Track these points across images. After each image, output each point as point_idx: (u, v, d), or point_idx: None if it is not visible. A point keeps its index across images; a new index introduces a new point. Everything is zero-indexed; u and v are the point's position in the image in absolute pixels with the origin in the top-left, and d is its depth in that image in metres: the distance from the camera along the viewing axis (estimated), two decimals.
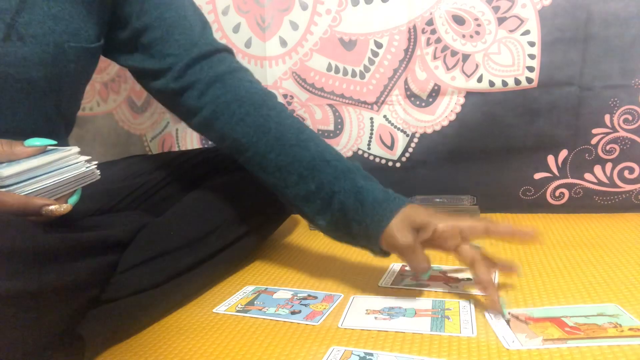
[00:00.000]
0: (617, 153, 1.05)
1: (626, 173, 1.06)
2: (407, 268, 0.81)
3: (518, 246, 0.89)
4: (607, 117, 1.04)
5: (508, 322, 0.59)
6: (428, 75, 1.13)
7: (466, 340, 0.56)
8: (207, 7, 1.22)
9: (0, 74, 0.57)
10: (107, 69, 1.34)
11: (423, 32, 1.11)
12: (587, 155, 1.07)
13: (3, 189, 0.50)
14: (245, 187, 0.85)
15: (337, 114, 1.21)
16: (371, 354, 0.54)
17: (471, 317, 0.61)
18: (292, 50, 1.21)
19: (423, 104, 1.15)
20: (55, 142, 0.55)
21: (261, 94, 0.76)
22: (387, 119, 1.18)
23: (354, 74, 1.18)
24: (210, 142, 1.24)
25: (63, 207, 0.52)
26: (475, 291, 0.69)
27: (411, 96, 1.15)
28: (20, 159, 0.52)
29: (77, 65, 0.66)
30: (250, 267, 0.88)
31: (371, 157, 1.21)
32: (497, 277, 0.74)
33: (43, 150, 0.54)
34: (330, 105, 1.21)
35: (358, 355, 0.54)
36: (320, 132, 1.23)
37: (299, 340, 0.59)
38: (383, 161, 1.20)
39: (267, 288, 0.76)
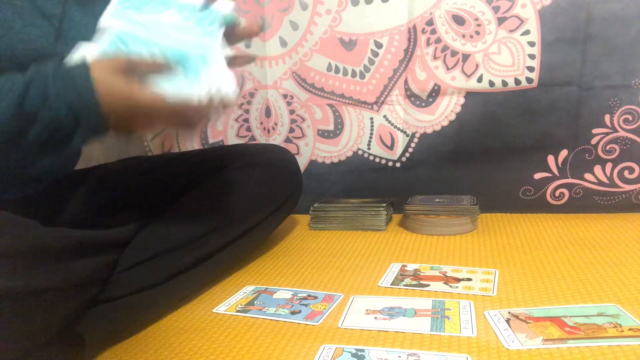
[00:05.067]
0: (617, 153, 1.05)
1: (626, 173, 1.06)
2: (407, 268, 0.81)
3: (517, 246, 0.89)
4: (607, 117, 1.04)
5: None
6: (428, 75, 1.13)
7: (466, 340, 0.56)
8: None
9: None
10: None
11: (423, 32, 1.11)
12: (587, 155, 1.07)
13: None
14: (244, 187, 0.85)
15: (337, 114, 1.21)
16: (362, 350, 0.54)
17: (471, 317, 0.61)
18: (292, 50, 1.21)
19: (423, 104, 1.15)
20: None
21: None
22: (387, 119, 1.18)
23: (354, 74, 1.18)
24: (209, 142, 1.24)
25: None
26: (475, 291, 0.69)
27: (411, 96, 1.15)
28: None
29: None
30: (250, 267, 0.88)
31: (371, 157, 1.21)
32: (497, 276, 0.75)
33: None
34: (330, 105, 1.21)
35: (350, 352, 0.54)
36: (320, 132, 1.24)
37: (299, 340, 0.59)
38: (383, 161, 1.20)
39: (267, 288, 0.76)
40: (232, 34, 0.62)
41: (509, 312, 0.62)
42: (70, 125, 0.52)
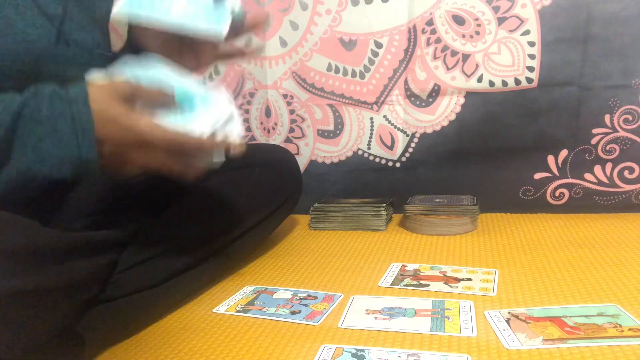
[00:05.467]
0: (617, 153, 1.05)
1: (626, 173, 1.06)
2: (407, 268, 0.81)
3: (517, 246, 0.89)
4: (607, 117, 1.04)
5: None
6: (428, 75, 1.13)
7: (466, 340, 0.56)
8: None
9: (51, 73, 0.60)
10: None
11: (423, 32, 1.11)
12: (587, 155, 1.07)
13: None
14: (244, 186, 0.85)
15: (337, 114, 1.21)
16: (362, 350, 0.54)
17: (471, 317, 0.61)
18: (292, 50, 1.21)
19: (423, 104, 1.15)
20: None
21: None
22: (387, 119, 1.18)
23: (354, 74, 1.18)
24: None
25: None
26: (475, 291, 0.69)
27: (411, 96, 1.15)
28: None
29: (100, 69, 0.68)
30: (250, 267, 0.88)
31: (371, 157, 1.21)
32: (497, 276, 0.75)
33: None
34: (330, 105, 1.21)
35: (350, 352, 0.54)
36: (320, 132, 1.24)
37: (299, 340, 0.59)
38: (383, 161, 1.20)
39: (267, 288, 0.76)
40: (239, 28, 0.62)
41: (509, 312, 0.62)
42: (57, 152, 0.50)
